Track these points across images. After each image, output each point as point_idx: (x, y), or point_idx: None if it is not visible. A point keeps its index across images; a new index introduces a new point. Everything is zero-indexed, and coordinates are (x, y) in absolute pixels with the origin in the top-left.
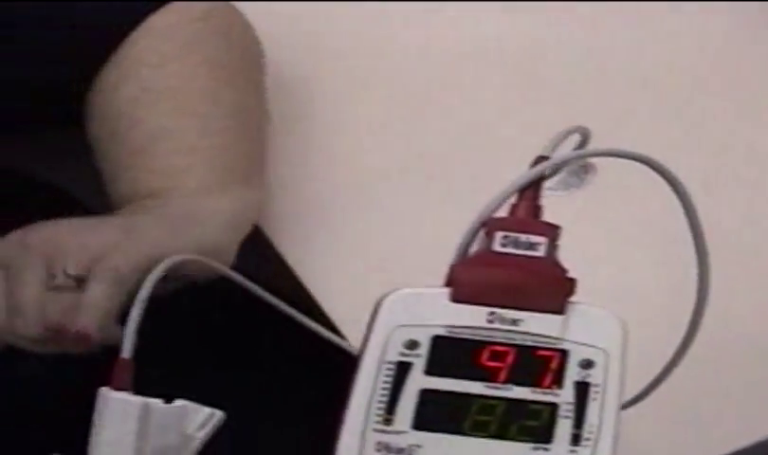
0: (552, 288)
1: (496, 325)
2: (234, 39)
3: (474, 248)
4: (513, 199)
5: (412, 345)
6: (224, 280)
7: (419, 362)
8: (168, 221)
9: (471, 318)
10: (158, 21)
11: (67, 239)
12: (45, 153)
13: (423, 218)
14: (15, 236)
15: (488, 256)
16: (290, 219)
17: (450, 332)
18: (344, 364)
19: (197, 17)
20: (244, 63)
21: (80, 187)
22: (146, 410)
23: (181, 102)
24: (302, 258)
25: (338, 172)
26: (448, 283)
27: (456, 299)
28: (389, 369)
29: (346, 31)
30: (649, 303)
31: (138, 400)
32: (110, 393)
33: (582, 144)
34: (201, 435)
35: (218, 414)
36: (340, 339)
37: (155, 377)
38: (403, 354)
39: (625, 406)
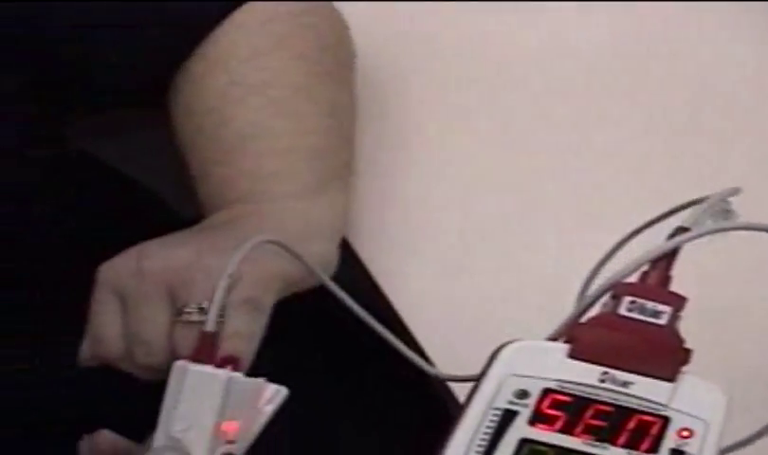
0: (667, 356)
1: (607, 385)
2: (328, 35)
3: (596, 307)
4: (645, 266)
5: (522, 395)
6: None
7: (525, 412)
8: (280, 236)
9: (584, 376)
10: (249, 14)
11: (186, 265)
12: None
13: (510, 230)
14: (128, 262)
15: (612, 319)
16: (367, 219)
17: (561, 386)
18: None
19: (290, 11)
20: (337, 59)
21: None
22: (230, 384)
23: (274, 99)
24: (380, 260)
25: (419, 175)
26: (569, 340)
27: (573, 355)
28: (495, 414)
29: (440, 29)
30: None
31: (224, 373)
32: (192, 366)
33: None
34: (269, 410)
35: (283, 391)
36: (424, 362)
37: None
38: (511, 403)
39: (724, 450)
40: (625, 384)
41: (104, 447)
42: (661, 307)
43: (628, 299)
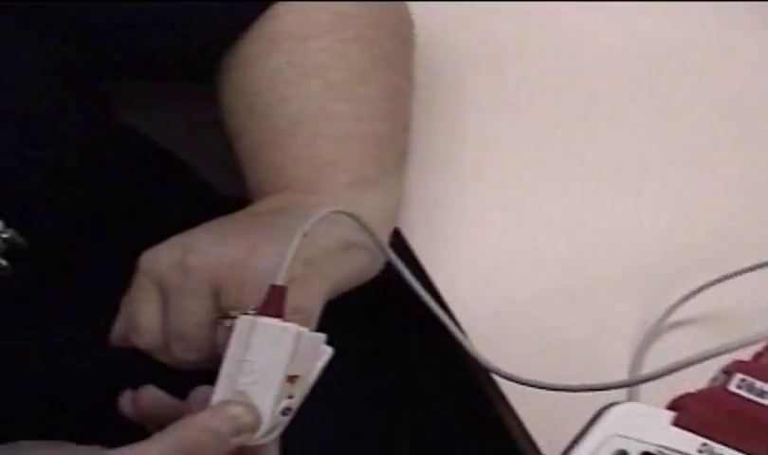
0: (765, 436)
1: None
2: (388, 18)
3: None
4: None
5: None
6: None
7: None
8: (337, 234)
9: (684, 445)
10: None
11: (234, 264)
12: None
13: (562, 226)
14: (173, 254)
15: (721, 394)
16: (418, 209)
17: (659, 451)
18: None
19: None
20: (396, 43)
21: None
22: (299, 338)
23: (333, 82)
24: (430, 251)
25: (473, 166)
26: (675, 408)
27: (678, 423)
28: None
29: (499, 22)
30: None
31: (294, 327)
32: (262, 320)
33: None
34: (318, 367)
35: (329, 350)
36: (480, 354)
37: None
38: None
39: None
40: None
41: (147, 402)
42: None
43: (738, 376)
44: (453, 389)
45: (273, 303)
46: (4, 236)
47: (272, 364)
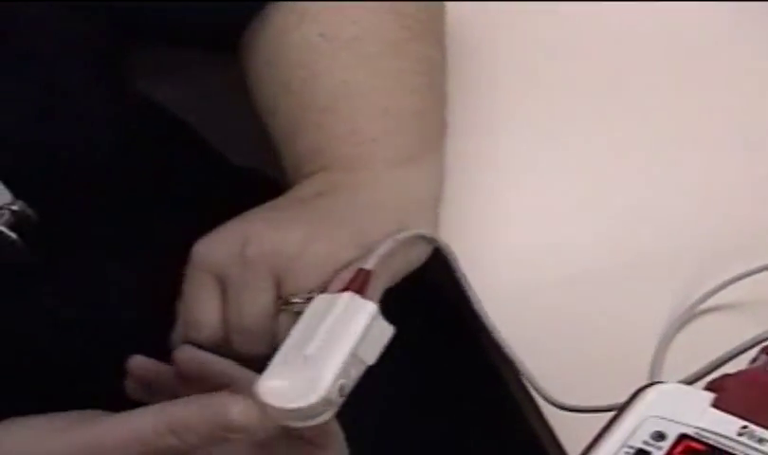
0: None
1: (743, 439)
2: None
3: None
4: None
5: (659, 437)
6: None
7: (657, 454)
8: (387, 216)
9: (723, 427)
10: None
11: (294, 254)
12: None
13: (596, 211)
14: (230, 246)
15: (762, 375)
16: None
17: (698, 434)
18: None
19: None
20: (428, 12)
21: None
22: (375, 317)
23: (369, 55)
24: (459, 239)
25: (507, 147)
26: (714, 389)
27: (717, 405)
28: (627, 452)
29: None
30: None
31: (374, 307)
32: (344, 294)
33: None
34: (377, 353)
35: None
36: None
37: None
38: (646, 443)
39: None
40: (761, 441)
41: (137, 370)
42: None
43: None
44: (482, 389)
45: (357, 282)
46: (13, 208)
47: (344, 335)
